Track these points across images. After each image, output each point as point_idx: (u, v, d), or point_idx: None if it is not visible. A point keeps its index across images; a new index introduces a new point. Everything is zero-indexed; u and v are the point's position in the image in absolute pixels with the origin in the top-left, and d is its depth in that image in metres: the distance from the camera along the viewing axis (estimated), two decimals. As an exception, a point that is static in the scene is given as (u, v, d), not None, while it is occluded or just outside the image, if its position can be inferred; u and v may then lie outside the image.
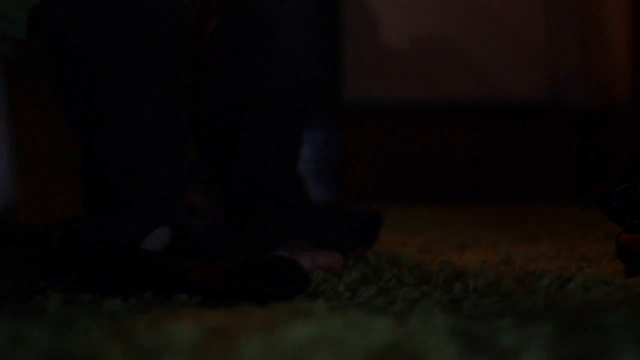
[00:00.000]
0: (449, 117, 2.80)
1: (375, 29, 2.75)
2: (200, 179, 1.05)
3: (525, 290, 0.80)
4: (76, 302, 0.76)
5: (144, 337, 0.56)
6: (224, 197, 1.10)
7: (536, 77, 2.79)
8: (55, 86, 0.96)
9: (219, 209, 1.05)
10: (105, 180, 0.94)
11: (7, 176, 1.07)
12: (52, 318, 0.65)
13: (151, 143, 0.94)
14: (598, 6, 2.73)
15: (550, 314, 0.68)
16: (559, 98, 2.79)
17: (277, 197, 1.08)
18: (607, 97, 2.66)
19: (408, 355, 0.52)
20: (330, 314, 0.66)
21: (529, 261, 1.02)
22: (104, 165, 0.93)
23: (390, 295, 0.78)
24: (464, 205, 2.40)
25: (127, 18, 0.93)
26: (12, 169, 1.08)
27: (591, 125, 2.74)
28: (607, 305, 0.71)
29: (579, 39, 2.79)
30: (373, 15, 2.74)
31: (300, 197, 1.12)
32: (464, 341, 0.56)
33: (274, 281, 0.78)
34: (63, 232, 0.84)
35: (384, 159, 2.79)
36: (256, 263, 0.80)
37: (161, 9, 0.95)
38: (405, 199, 2.68)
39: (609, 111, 2.64)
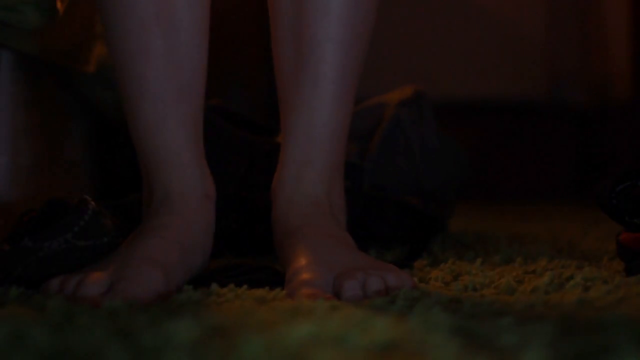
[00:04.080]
0: (449, 116, 2.80)
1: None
2: None
3: (525, 289, 0.80)
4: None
5: (144, 335, 0.56)
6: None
7: (536, 77, 2.79)
8: None
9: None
10: None
11: (7, 175, 1.07)
12: (52, 316, 0.65)
13: None
14: (598, 6, 2.73)
15: (550, 312, 0.68)
16: (559, 98, 2.79)
17: None
18: (607, 97, 2.66)
19: (408, 354, 0.52)
20: (331, 313, 0.66)
21: (529, 260, 1.02)
22: None
23: (390, 294, 0.78)
24: (464, 204, 2.40)
25: None
26: (13, 167, 1.08)
27: (591, 125, 2.74)
28: (607, 304, 0.71)
29: (579, 39, 2.79)
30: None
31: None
32: (464, 340, 0.56)
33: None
34: None
35: (384, 158, 2.78)
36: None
37: None
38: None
39: (609, 111, 2.64)
